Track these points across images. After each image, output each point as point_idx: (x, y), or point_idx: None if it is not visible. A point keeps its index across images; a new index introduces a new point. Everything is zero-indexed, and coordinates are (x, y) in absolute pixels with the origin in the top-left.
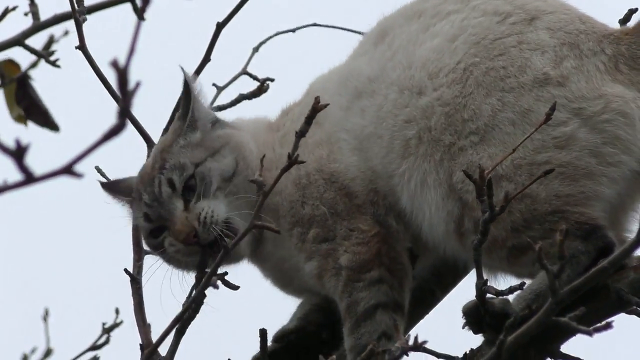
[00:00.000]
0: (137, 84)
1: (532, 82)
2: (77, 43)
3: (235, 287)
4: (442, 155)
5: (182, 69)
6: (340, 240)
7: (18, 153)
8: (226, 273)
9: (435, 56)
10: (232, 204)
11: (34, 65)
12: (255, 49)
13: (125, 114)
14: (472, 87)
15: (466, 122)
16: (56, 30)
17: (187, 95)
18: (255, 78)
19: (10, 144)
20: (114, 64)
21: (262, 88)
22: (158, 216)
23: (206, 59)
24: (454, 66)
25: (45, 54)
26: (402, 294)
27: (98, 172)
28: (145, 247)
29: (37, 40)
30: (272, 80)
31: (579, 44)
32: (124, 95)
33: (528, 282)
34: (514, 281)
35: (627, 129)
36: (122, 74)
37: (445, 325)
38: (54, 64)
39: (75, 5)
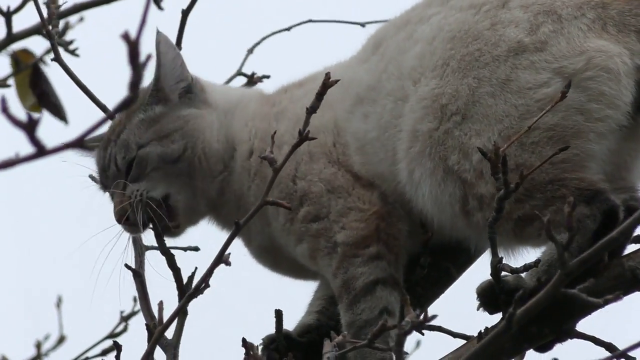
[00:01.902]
0: (148, 57)
1: (506, 52)
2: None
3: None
4: (422, 145)
5: (157, 31)
6: (336, 217)
7: (30, 126)
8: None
9: (418, 62)
10: (172, 183)
11: (48, 52)
12: (250, 51)
13: (136, 87)
14: (448, 77)
15: (445, 106)
16: (72, 20)
17: (157, 60)
18: (250, 78)
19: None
20: (125, 37)
21: (253, 80)
22: (105, 187)
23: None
24: (434, 65)
25: (63, 42)
26: (398, 270)
27: (92, 180)
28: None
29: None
30: (267, 77)
31: (556, 9)
32: (134, 67)
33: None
34: (529, 259)
35: (611, 84)
36: (134, 46)
37: (463, 305)
38: (73, 52)
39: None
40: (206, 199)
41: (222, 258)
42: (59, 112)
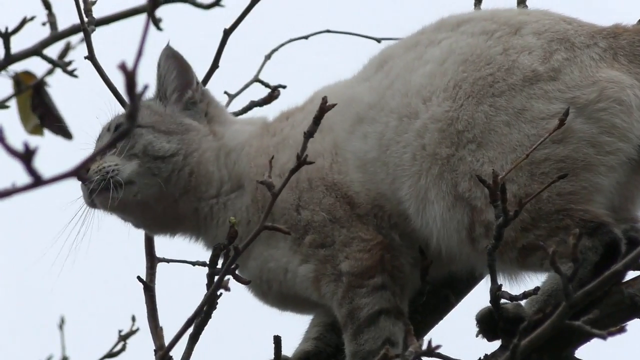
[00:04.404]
0: (145, 87)
1: (522, 81)
2: (87, 53)
3: (246, 282)
4: (440, 169)
5: (168, 45)
6: (340, 246)
7: (26, 156)
8: (237, 267)
9: (428, 81)
10: (143, 176)
11: (50, 72)
12: (268, 57)
13: (133, 117)
14: (462, 100)
15: (461, 133)
16: (74, 40)
17: (181, 66)
18: (267, 85)
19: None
20: (122, 67)
21: (273, 95)
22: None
23: (214, 65)
24: (445, 86)
25: (62, 63)
26: (403, 301)
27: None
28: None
29: (55, 51)
30: (284, 87)
31: (570, 37)
32: (131, 98)
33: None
34: (529, 285)
35: (623, 116)
36: (130, 76)
37: (461, 332)
38: (71, 73)
39: (84, 16)
40: (172, 211)
41: (221, 283)
42: (62, 129)
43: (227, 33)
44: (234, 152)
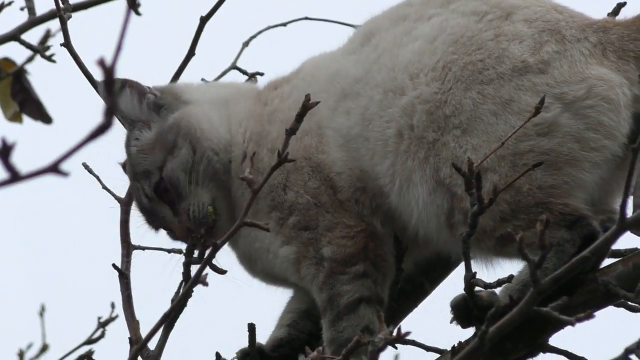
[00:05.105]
0: (125, 82)
1: (511, 71)
2: (69, 38)
3: (223, 272)
4: (426, 153)
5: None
6: (323, 230)
7: (4, 152)
8: (213, 257)
9: (417, 58)
10: (207, 188)
11: (30, 59)
12: (245, 44)
13: (111, 113)
14: (450, 83)
15: (448, 117)
16: (52, 25)
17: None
18: (244, 72)
19: None
20: (101, 63)
21: (250, 82)
22: (153, 218)
23: (190, 53)
24: (434, 65)
25: (41, 48)
26: (384, 289)
27: (85, 168)
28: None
29: (33, 36)
30: (261, 74)
31: (560, 29)
32: (110, 94)
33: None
34: (504, 272)
35: (611, 114)
36: (109, 72)
37: (436, 319)
38: (49, 59)
39: (60, 2)
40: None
41: (199, 278)
42: (41, 114)
43: (204, 20)
44: (221, 105)
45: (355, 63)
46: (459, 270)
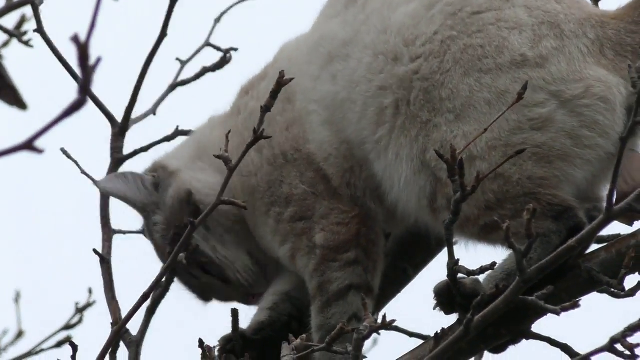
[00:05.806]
0: (98, 60)
1: (509, 63)
2: (46, 21)
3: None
4: (418, 132)
5: (94, 182)
6: (318, 218)
7: None
8: (190, 237)
9: (412, 22)
10: (234, 244)
11: (5, 44)
12: (217, 20)
13: (85, 90)
14: (449, 64)
15: (444, 100)
16: (27, 10)
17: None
18: (218, 49)
19: None
20: (75, 39)
21: (225, 59)
22: (206, 294)
23: (163, 34)
24: (431, 36)
25: (17, 33)
26: (375, 277)
27: (64, 153)
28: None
29: (9, 21)
30: (235, 49)
31: (560, 24)
32: (84, 70)
33: (499, 262)
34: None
35: (607, 114)
36: (83, 49)
37: (419, 305)
38: (27, 44)
39: None
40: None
41: (176, 258)
42: (16, 99)
43: (174, 0)
44: (199, 158)
45: (342, 25)
46: (442, 257)
